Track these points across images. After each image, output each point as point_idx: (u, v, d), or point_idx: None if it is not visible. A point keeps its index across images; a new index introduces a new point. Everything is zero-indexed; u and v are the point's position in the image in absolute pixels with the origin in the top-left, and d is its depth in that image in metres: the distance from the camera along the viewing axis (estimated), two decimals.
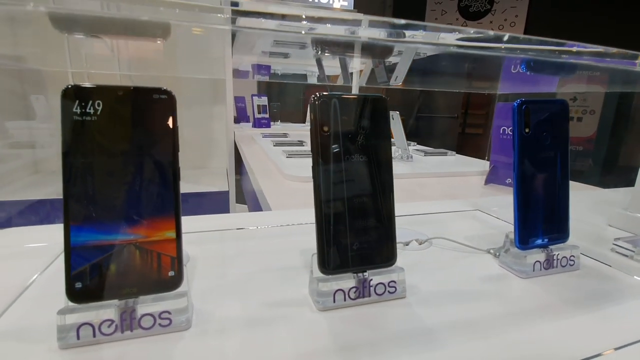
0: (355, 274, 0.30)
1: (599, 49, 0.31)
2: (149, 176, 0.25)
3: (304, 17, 0.28)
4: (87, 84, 0.24)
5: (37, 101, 1.29)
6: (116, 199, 0.25)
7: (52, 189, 1.19)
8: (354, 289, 0.30)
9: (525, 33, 3.27)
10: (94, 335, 0.24)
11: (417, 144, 1.53)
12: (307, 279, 0.33)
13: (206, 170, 1.68)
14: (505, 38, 0.27)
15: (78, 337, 0.24)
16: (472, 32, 0.26)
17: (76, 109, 0.24)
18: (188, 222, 0.47)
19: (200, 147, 1.65)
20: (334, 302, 0.29)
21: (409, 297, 0.31)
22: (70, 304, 0.24)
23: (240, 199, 1.58)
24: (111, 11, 0.24)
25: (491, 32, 0.27)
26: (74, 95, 0.24)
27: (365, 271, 0.30)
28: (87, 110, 0.24)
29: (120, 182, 0.25)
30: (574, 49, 0.30)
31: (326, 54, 0.37)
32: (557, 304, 0.31)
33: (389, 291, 0.31)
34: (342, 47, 0.38)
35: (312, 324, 0.27)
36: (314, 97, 0.29)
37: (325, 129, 0.29)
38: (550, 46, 0.29)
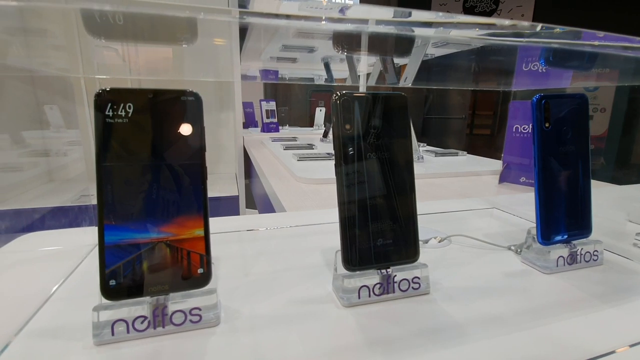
0: (379, 271, 0.30)
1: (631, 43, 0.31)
2: (179, 176, 0.26)
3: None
4: (118, 88, 0.25)
5: (51, 111, 1.32)
6: (147, 198, 0.25)
7: (67, 197, 1.21)
8: (378, 285, 0.30)
9: None
10: (128, 332, 0.24)
11: (427, 145, 1.53)
12: (330, 277, 0.33)
13: (215, 176, 1.69)
14: (539, 28, 0.27)
15: (113, 334, 0.24)
16: (506, 23, 0.26)
17: (108, 112, 0.25)
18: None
19: (208, 153, 1.67)
20: (359, 298, 0.29)
21: (433, 293, 0.31)
22: (104, 301, 0.25)
23: (250, 204, 1.59)
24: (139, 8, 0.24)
25: (525, 23, 0.27)
26: (106, 98, 0.25)
27: (389, 267, 0.30)
28: (119, 113, 0.25)
29: (151, 182, 0.25)
30: (596, 42, 0.30)
31: (345, 49, 0.38)
32: (584, 298, 0.31)
33: (413, 287, 0.31)
34: (356, 42, 0.39)
35: (339, 319, 0.28)
36: (335, 96, 0.29)
37: (348, 126, 0.29)
38: (578, 39, 0.30)
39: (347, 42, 0.41)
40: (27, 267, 0.37)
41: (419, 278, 0.31)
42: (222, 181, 1.60)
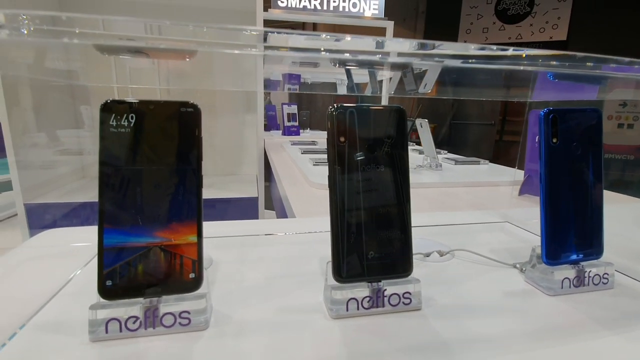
0: (369, 284, 0.30)
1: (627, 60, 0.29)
2: (176, 183, 0.27)
3: (325, 42, 0.29)
4: (122, 99, 0.27)
5: (86, 111, 1.40)
6: (145, 204, 0.27)
7: (97, 192, 1.28)
8: (367, 299, 0.30)
9: (568, 36, 3.11)
10: (121, 330, 0.26)
11: (450, 152, 1.49)
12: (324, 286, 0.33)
13: (237, 177, 1.73)
14: (509, 52, 0.26)
15: (107, 331, 0.26)
16: (472, 47, 0.26)
17: (112, 121, 0.26)
18: (214, 227, 0.49)
19: (231, 155, 1.71)
20: (347, 310, 0.29)
21: (425, 309, 0.31)
22: (102, 300, 0.26)
23: (269, 205, 1.62)
24: (154, 34, 0.26)
25: (494, 48, 0.26)
26: (110, 109, 0.26)
27: (380, 281, 0.30)
28: (122, 123, 0.26)
29: (150, 189, 0.27)
30: (595, 68, 0.29)
31: (352, 66, 0.38)
32: (586, 323, 0.29)
33: (403, 302, 0.30)
34: (365, 65, 0.39)
35: (324, 331, 0.28)
36: (331, 108, 0.30)
37: (342, 139, 0.29)
38: (571, 62, 0.28)
39: (361, 63, 0.41)
40: (51, 260, 0.40)
41: (410, 293, 0.30)
42: (243, 182, 1.63)
